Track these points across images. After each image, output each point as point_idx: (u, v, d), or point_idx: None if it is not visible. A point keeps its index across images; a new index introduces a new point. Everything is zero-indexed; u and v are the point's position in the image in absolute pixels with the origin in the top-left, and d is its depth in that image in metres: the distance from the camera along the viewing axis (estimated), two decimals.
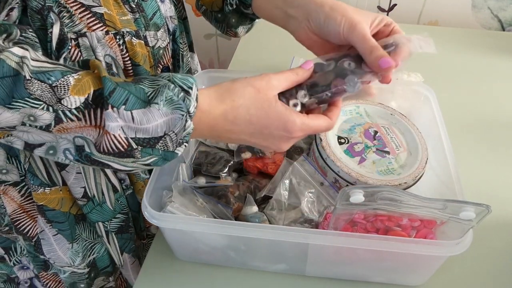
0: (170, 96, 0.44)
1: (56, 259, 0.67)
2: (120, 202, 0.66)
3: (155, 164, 0.48)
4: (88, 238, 0.68)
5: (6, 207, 0.61)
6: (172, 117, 0.45)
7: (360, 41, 0.53)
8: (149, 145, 0.46)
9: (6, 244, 0.67)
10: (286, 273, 0.63)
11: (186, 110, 0.45)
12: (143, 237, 0.78)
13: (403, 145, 0.64)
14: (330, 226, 0.55)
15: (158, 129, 0.45)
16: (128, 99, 0.43)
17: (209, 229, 0.54)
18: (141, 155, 0.46)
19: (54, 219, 0.62)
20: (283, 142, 0.51)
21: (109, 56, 0.56)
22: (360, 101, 0.69)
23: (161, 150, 0.46)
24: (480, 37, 1.14)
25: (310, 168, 0.63)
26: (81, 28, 0.53)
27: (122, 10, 0.56)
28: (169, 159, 0.48)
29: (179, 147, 0.47)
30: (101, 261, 0.72)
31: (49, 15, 0.49)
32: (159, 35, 0.62)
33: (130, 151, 0.45)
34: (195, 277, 0.63)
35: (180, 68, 0.70)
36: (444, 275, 0.62)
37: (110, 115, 0.43)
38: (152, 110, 0.44)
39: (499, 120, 0.89)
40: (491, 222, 0.68)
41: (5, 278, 0.74)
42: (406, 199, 0.49)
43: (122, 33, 0.56)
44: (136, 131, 0.44)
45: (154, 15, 0.61)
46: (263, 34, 1.11)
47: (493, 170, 0.78)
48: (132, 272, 0.76)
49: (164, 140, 0.46)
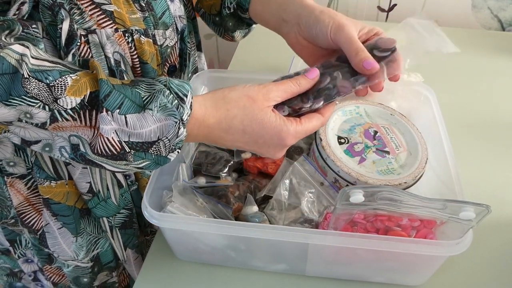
0: (164, 103, 0.45)
1: (60, 253, 0.67)
2: (124, 198, 0.67)
3: (147, 168, 0.49)
4: (93, 233, 0.68)
5: (12, 200, 0.61)
6: (166, 123, 0.45)
7: (347, 43, 0.54)
8: (142, 149, 0.47)
9: (11, 237, 0.68)
10: (286, 273, 0.63)
11: (179, 118, 0.46)
12: (147, 233, 0.78)
13: (403, 145, 0.64)
14: (330, 226, 0.55)
15: (152, 134, 0.46)
16: (123, 103, 0.44)
17: (209, 229, 0.54)
18: (134, 158, 0.47)
19: (59, 212, 0.63)
20: (277, 150, 0.52)
21: (118, 53, 0.57)
22: (360, 101, 0.69)
23: (154, 154, 0.47)
24: (480, 37, 1.14)
25: (310, 168, 0.63)
26: (91, 25, 0.53)
27: (132, 9, 0.57)
28: (162, 164, 0.49)
29: (171, 153, 0.48)
30: (104, 256, 0.72)
31: (60, 11, 0.50)
32: (167, 34, 0.63)
33: (123, 154, 0.46)
34: (195, 277, 0.63)
35: (187, 67, 0.71)
36: (444, 275, 0.62)
37: (104, 118, 0.43)
38: (146, 115, 0.45)
39: (499, 120, 0.89)
40: (491, 222, 0.68)
41: (8, 272, 0.74)
42: (406, 199, 0.49)
43: (131, 31, 0.57)
44: (130, 135, 0.45)
45: (163, 14, 0.61)
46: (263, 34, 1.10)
47: (493, 170, 0.78)
48: (135, 268, 0.77)
49: (158, 145, 0.47)
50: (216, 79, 0.75)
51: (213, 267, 0.64)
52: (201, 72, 0.74)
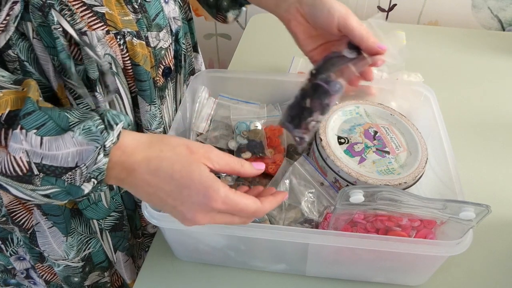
0: (89, 126, 0.42)
1: (50, 252, 0.67)
2: (115, 200, 0.67)
3: (55, 197, 0.44)
4: (84, 233, 0.68)
5: (2, 198, 0.61)
6: (87, 148, 0.42)
7: (357, 27, 0.57)
8: (54, 174, 0.43)
9: (3, 235, 0.68)
10: (286, 273, 0.63)
11: (101, 143, 0.42)
12: (138, 236, 0.78)
13: (403, 145, 0.64)
14: (330, 226, 0.55)
15: (69, 158, 0.42)
16: (45, 124, 0.41)
17: (209, 229, 0.54)
18: (41, 183, 0.43)
19: (49, 211, 0.63)
20: (201, 211, 0.45)
21: (109, 55, 0.56)
22: (360, 102, 0.69)
23: (67, 182, 0.43)
24: (480, 37, 1.14)
25: (310, 168, 0.63)
26: (81, 27, 0.53)
27: (124, 10, 0.56)
28: (73, 195, 0.44)
29: (86, 182, 0.43)
30: (96, 256, 0.72)
31: (50, 12, 0.50)
32: (161, 36, 0.62)
33: (29, 177, 0.42)
34: (195, 277, 0.63)
35: (183, 68, 0.70)
36: (444, 275, 0.62)
37: (16, 136, 0.41)
38: (65, 136, 0.42)
39: (499, 120, 0.89)
40: (491, 222, 0.68)
41: (2, 269, 0.74)
42: (405, 199, 0.49)
43: (123, 33, 0.56)
44: (43, 157, 0.42)
45: (157, 16, 0.61)
46: (263, 34, 1.11)
47: (493, 170, 0.78)
48: (125, 270, 0.77)
49: (74, 172, 0.43)
50: (215, 79, 0.74)
51: (213, 267, 0.64)
52: (200, 72, 0.74)
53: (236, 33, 1.39)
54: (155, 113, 0.64)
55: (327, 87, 0.56)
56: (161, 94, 0.66)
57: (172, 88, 0.69)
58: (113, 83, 0.58)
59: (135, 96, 0.62)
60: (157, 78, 0.64)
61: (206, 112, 0.72)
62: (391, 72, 0.81)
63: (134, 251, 0.78)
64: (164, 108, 0.68)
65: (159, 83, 0.64)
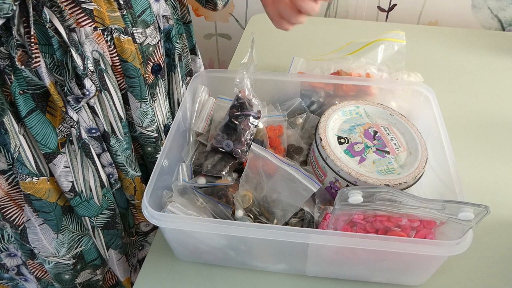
0: None
1: (41, 249, 0.67)
2: (107, 198, 0.67)
3: None
4: (76, 230, 0.68)
5: None
6: None
7: None
8: None
9: None
10: (286, 273, 0.63)
11: None
12: (132, 234, 0.78)
13: (402, 145, 0.64)
14: (330, 226, 0.55)
15: None
16: None
17: (209, 229, 0.54)
18: None
19: (40, 208, 0.63)
20: None
21: (96, 51, 0.57)
22: (360, 102, 0.69)
23: None
24: (480, 37, 1.14)
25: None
26: (70, 24, 0.53)
27: (112, 7, 0.57)
28: None
29: None
30: (88, 253, 0.72)
31: (43, 10, 0.50)
32: (148, 33, 0.62)
33: None
34: (195, 277, 0.63)
35: (176, 67, 0.70)
36: (444, 275, 0.62)
37: None
38: None
39: (499, 120, 0.89)
40: (491, 222, 0.68)
41: None
42: (404, 199, 0.49)
43: (110, 29, 0.57)
44: None
45: (143, 13, 0.61)
46: (263, 34, 1.11)
47: (493, 170, 0.78)
48: (118, 268, 0.77)
49: None
50: (215, 79, 0.75)
51: (213, 267, 0.64)
52: (200, 72, 0.74)
53: (236, 33, 1.39)
54: (146, 110, 0.65)
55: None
56: (152, 91, 0.66)
57: (164, 86, 0.70)
58: (90, 87, 0.57)
59: (125, 93, 0.62)
60: (146, 75, 0.64)
61: (206, 112, 0.73)
62: (391, 72, 0.81)
63: (128, 249, 0.78)
64: (156, 106, 0.69)
65: (149, 80, 0.65)
